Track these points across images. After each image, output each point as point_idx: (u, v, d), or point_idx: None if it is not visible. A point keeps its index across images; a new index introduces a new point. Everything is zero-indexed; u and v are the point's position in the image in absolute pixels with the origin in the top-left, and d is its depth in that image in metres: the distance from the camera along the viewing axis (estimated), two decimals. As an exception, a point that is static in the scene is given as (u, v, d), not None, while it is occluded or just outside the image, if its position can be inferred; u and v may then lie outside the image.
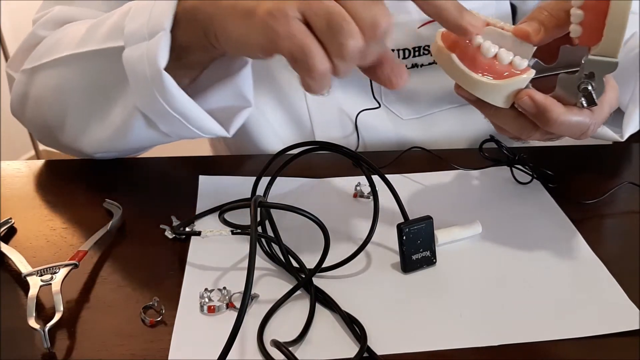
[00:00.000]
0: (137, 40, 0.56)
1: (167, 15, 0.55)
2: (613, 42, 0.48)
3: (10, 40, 2.05)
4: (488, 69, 0.50)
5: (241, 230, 0.57)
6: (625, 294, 0.53)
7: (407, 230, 0.55)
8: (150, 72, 0.56)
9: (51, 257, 0.57)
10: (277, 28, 0.46)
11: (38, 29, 0.71)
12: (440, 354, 0.48)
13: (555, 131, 0.53)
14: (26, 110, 0.71)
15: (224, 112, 0.63)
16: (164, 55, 0.55)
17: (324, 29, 0.46)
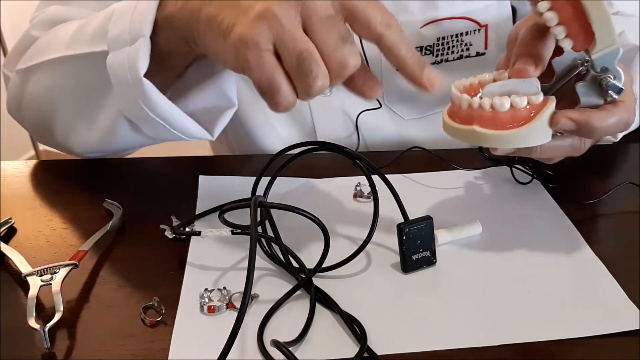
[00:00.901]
0: (119, 45, 0.57)
1: (146, 21, 0.55)
2: (606, 33, 0.48)
3: (10, 40, 2.05)
4: (513, 120, 0.50)
5: (241, 230, 0.57)
6: (625, 294, 0.53)
7: (407, 230, 0.55)
8: (131, 79, 0.56)
9: (51, 257, 0.57)
10: (248, 56, 0.47)
11: (32, 29, 0.71)
12: (440, 354, 0.48)
13: (603, 135, 0.54)
14: (22, 110, 0.71)
15: (208, 114, 0.63)
16: (144, 61, 0.56)
17: (293, 67, 0.47)
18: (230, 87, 0.63)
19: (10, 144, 2.10)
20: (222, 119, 0.63)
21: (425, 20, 0.74)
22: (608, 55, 0.50)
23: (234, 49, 0.48)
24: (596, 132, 0.52)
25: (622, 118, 0.53)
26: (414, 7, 0.73)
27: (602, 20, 0.48)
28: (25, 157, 2.23)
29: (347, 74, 0.48)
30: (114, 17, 0.58)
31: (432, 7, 0.73)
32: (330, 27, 0.47)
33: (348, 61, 0.47)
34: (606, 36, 0.49)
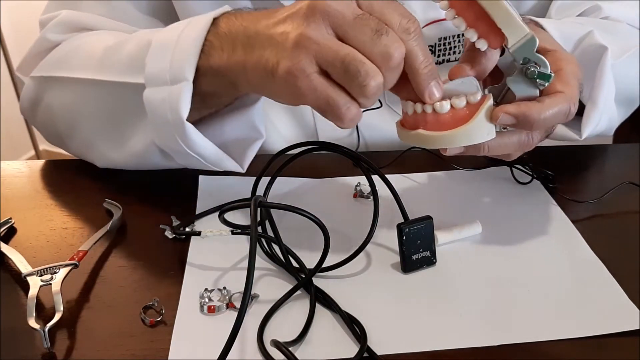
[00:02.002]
0: (159, 83, 0.58)
1: (189, 65, 0.56)
2: (512, 27, 0.49)
3: (10, 40, 2.05)
4: (454, 120, 0.51)
5: (241, 230, 0.57)
6: (625, 294, 0.53)
7: (407, 230, 0.55)
8: (172, 118, 0.57)
9: (51, 257, 0.57)
10: (299, 86, 0.49)
11: (48, 32, 0.71)
12: (440, 354, 0.48)
13: (544, 127, 0.54)
14: (37, 116, 0.72)
15: (238, 144, 0.65)
16: (186, 104, 0.57)
17: (341, 76, 0.48)
18: (259, 119, 0.65)
19: (10, 144, 2.10)
20: (251, 149, 0.65)
21: (427, 20, 0.74)
22: (524, 46, 0.50)
23: (284, 84, 0.49)
24: (536, 124, 0.52)
25: (562, 108, 0.52)
26: (416, 7, 0.73)
27: (504, 16, 0.49)
28: (25, 157, 2.23)
29: (396, 64, 0.48)
30: (152, 52, 0.59)
31: (433, 7, 0.73)
32: (361, 26, 0.47)
33: (390, 51, 0.47)
34: (514, 30, 0.50)
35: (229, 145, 0.65)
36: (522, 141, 0.54)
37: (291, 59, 0.48)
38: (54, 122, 0.71)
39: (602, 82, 0.66)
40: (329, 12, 0.48)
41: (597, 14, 0.76)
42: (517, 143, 0.54)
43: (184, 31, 0.58)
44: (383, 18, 0.48)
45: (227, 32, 0.55)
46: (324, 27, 0.48)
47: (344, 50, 0.47)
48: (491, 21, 0.49)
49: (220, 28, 0.56)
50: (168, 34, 0.59)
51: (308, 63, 0.48)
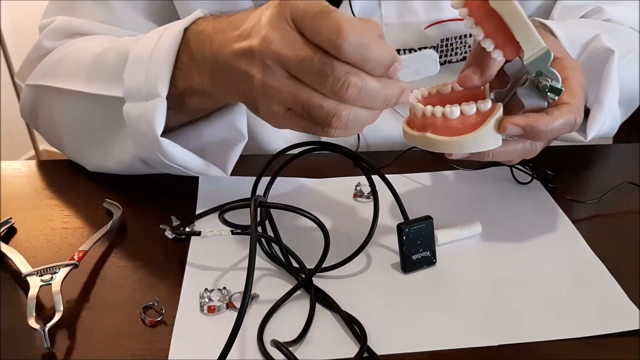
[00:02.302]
0: (136, 98, 0.59)
1: (162, 83, 0.57)
2: (529, 40, 0.50)
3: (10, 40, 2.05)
4: (463, 127, 0.52)
5: (241, 230, 0.57)
6: (625, 294, 0.53)
7: (407, 230, 0.55)
8: (148, 134, 0.58)
9: (51, 257, 0.57)
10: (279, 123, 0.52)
11: (43, 39, 0.73)
12: (440, 354, 0.48)
13: (550, 138, 0.55)
14: (38, 122, 0.74)
15: (219, 146, 0.65)
16: (161, 120, 0.58)
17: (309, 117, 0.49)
18: (242, 120, 0.65)
19: (10, 144, 2.10)
20: (234, 152, 0.66)
21: (430, 21, 0.74)
22: (539, 59, 0.51)
23: (266, 119, 0.53)
24: (543, 136, 0.53)
25: (568, 120, 0.53)
26: (419, 8, 0.73)
27: (522, 29, 0.49)
28: (25, 157, 2.23)
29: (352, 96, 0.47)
30: (129, 66, 0.60)
31: (436, 8, 0.73)
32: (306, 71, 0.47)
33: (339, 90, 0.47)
34: (531, 43, 0.50)
35: (211, 148, 0.65)
36: (526, 149, 0.55)
37: (263, 103, 0.51)
38: (51, 131, 0.72)
39: (608, 85, 0.66)
40: (279, 56, 0.48)
41: (599, 16, 0.76)
42: (521, 151, 0.55)
43: (157, 45, 0.59)
44: (315, 41, 0.47)
45: (198, 55, 0.56)
46: (279, 70, 0.48)
47: (302, 96, 0.48)
48: (509, 32, 0.49)
49: (192, 48, 0.57)
50: (143, 47, 0.60)
51: (278, 106, 0.50)
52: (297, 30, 0.47)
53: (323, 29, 0.46)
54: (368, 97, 0.48)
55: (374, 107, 0.49)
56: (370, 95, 0.48)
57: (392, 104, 0.50)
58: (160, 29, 0.60)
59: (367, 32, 0.47)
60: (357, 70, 0.47)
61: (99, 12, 0.73)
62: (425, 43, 0.76)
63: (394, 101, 0.50)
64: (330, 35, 0.45)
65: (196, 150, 0.63)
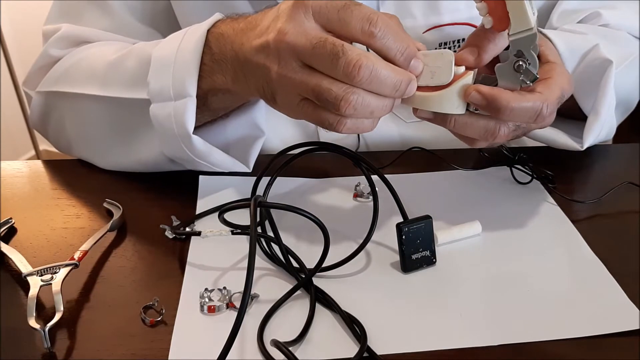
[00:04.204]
0: (163, 99, 0.60)
1: (190, 83, 0.59)
2: (519, 16, 0.51)
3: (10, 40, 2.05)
4: (434, 87, 0.53)
5: (241, 231, 0.57)
6: (625, 294, 0.53)
7: (406, 230, 0.55)
8: (178, 132, 0.60)
9: (51, 257, 0.57)
10: (293, 112, 0.54)
11: (50, 47, 0.74)
12: (440, 354, 0.48)
13: (510, 118, 0.54)
14: (49, 130, 0.75)
15: (241, 143, 0.67)
16: (192, 119, 0.60)
17: (319, 102, 0.51)
18: (261, 117, 0.67)
19: (10, 144, 2.10)
20: (254, 148, 0.68)
21: (428, 25, 0.74)
22: (524, 39, 0.52)
23: (283, 110, 0.55)
24: (503, 111, 0.52)
25: (534, 106, 0.53)
26: (417, 12, 0.73)
27: (516, 4, 0.50)
28: (25, 157, 2.23)
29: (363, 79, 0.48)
30: (153, 69, 0.61)
31: (435, 12, 0.73)
32: (319, 55, 0.49)
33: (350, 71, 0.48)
34: (520, 20, 0.51)
35: (233, 144, 0.67)
36: (488, 128, 0.54)
37: (279, 95, 0.53)
38: (66, 134, 0.73)
39: (605, 94, 0.67)
40: (293, 46, 0.50)
41: (597, 21, 0.76)
42: (483, 128, 0.55)
43: (180, 47, 0.60)
44: (342, 31, 0.50)
45: (220, 56, 0.58)
46: (293, 61, 0.50)
47: (312, 82, 0.50)
48: (504, 5, 0.51)
49: (213, 50, 0.59)
50: (166, 50, 0.61)
51: (293, 95, 0.52)
52: (317, 23, 0.50)
53: (353, 18, 0.49)
54: (378, 81, 0.49)
55: (383, 93, 0.50)
56: (380, 79, 0.49)
57: (401, 93, 0.51)
58: (180, 32, 0.62)
59: (394, 24, 0.50)
60: (368, 54, 0.49)
61: (102, 18, 0.74)
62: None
63: (403, 88, 0.51)
64: (362, 23, 0.49)
65: (221, 147, 0.65)
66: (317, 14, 0.50)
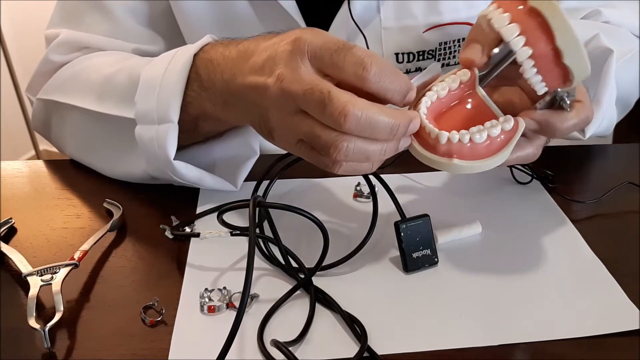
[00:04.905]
0: (148, 121, 0.60)
1: (173, 109, 0.59)
2: (582, 68, 0.50)
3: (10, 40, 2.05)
4: (489, 149, 0.51)
5: (240, 232, 0.57)
6: (625, 294, 0.53)
7: (404, 227, 0.55)
8: (160, 156, 0.60)
9: (51, 257, 0.57)
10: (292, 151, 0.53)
11: (51, 53, 0.74)
12: (440, 353, 0.48)
13: (565, 135, 0.55)
14: (51, 134, 0.76)
15: (231, 162, 0.66)
16: (173, 144, 0.60)
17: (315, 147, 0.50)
18: (255, 139, 0.66)
19: (10, 144, 2.10)
20: (244, 168, 0.66)
21: (428, 25, 0.74)
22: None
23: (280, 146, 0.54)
24: (558, 132, 0.53)
25: (582, 117, 0.54)
26: (418, 12, 0.73)
27: (579, 59, 0.49)
28: (25, 157, 2.23)
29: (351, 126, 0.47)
30: (140, 89, 0.61)
31: (435, 12, 0.73)
32: (309, 101, 0.48)
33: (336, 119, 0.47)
34: (582, 71, 0.50)
35: (222, 163, 0.66)
36: (529, 155, 0.55)
37: (276, 132, 0.53)
38: (65, 139, 0.73)
39: (606, 83, 0.67)
40: (288, 92, 0.49)
41: (597, 18, 0.77)
42: (525, 156, 0.55)
43: (167, 70, 0.60)
44: (336, 75, 0.49)
45: (209, 84, 0.58)
46: (289, 105, 0.49)
47: (305, 127, 0.49)
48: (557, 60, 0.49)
49: (202, 77, 0.58)
50: (154, 72, 0.61)
51: (290, 137, 0.51)
52: (313, 66, 0.49)
53: (347, 63, 0.48)
54: (370, 127, 0.47)
55: (378, 137, 0.49)
56: (372, 125, 0.47)
57: (401, 134, 0.49)
58: (171, 53, 0.62)
59: (387, 63, 0.49)
60: (357, 101, 0.47)
61: (103, 22, 0.74)
62: (424, 47, 0.76)
63: (402, 131, 0.49)
64: (355, 68, 0.47)
65: (207, 165, 0.65)
66: (313, 58, 0.49)
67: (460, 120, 0.53)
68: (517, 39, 0.49)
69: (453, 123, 0.52)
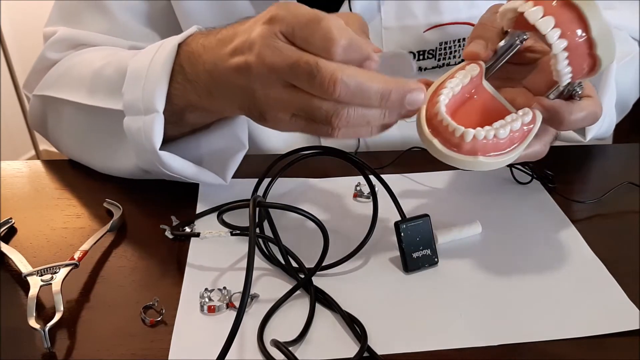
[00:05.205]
0: (135, 112, 0.60)
1: (159, 98, 0.59)
2: (610, 56, 0.49)
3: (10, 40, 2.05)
4: (510, 142, 0.51)
5: (240, 232, 0.57)
6: (625, 294, 0.53)
7: (404, 227, 0.55)
8: (148, 147, 0.60)
9: (51, 257, 0.57)
10: (285, 128, 0.52)
11: (47, 51, 0.74)
12: (440, 354, 0.48)
13: (573, 127, 0.54)
14: (48, 131, 0.76)
15: (219, 155, 0.66)
16: (159, 134, 0.59)
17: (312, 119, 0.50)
18: (243, 131, 0.66)
19: (10, 144, 2.10)
20: (233, 161, 0.66)
21: (429, 24, 0.74)
22: None
23: (273, 126, 0.53)
24: (565, 123, 0.53)
25: (590, 111, 0.54)
26: (418, 11, 0.73)
27: (609, 47, 0.49)
28: (25, 157, 2.23)
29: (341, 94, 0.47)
30: (127, 80, 0.61)
31: (436, 11, 0.73)
32: (296, 75, 0.48)
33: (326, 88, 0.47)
34: (609, 59, 0.50)
35: (211, 156, 0.66)
36: (538, 152, 0.56)
37: (268, 113, 0.52)
38: (61, 136, 0.73)
39: (606, 86, 0.67)
40: (272, 68, 0.49)
41: None
42: (533, 153, 0.55)
43: (152, 61, 0.60)
44: (306, 48, 0.48)
45: (193, 76, 0.57)
46: (276, 82, 0.49)
47: (301, 101, 0.49)
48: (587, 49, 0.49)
49: (185, 70, 0.58)
50: (140, 62, 0.61)
51: (283, 114, 0.51)
52: (288, 42, 0.49)
53: (315, 37, 0.47)
54: (361, 93, 0.47)
55: (370, 105, 0.49)
56: (363, 91, 0.47)
57: (394, 102, 0.49)
58: (157, 44, 0.61)
59: (356, 38, 0.48)
60: (344, 67, 0.47)
61: (101, 20, 0.74)
62: (424, 46, 0.76)
63: (395, 98, 0.49)
64: (322, 43, 0.47)
65: (195, 158, 0.64)
66: (287, 33, 0.48)
67: (475, 116, 0.52)
68: (553, 31, 0.49)
69: (469, 119, 0.52)
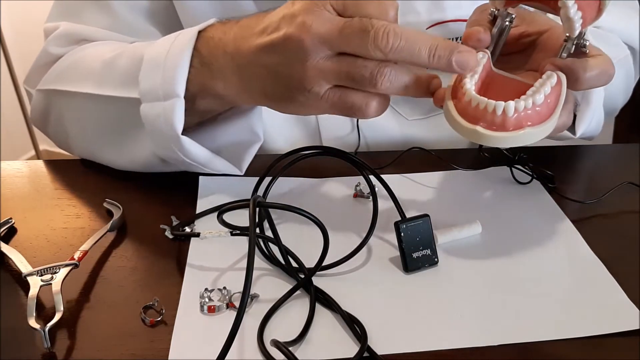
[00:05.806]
0: (153, 99, 0.60)
1: (179, 83, 0.59)
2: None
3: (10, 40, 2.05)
4: (548, 109, 0.51)
5: (240, 232, 0.57)
6: (625, 294, 0.53)
7: (404, 227, 0.55)
8: (167, 132, 0.60)
9: (51, 257, 0.57)
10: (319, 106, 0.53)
11: (50, 45, 0.74)
12: (440, 353, 0.48)
13: (588, 86, 0.55)
14: (49, 127, 0.75)
15: (235, 147, 0.67)
16: (180, 119, 0.60)
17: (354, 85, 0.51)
18: (258, 123, 0.67)
19: (10, 144, 2.10)
20: (249, 153, 0.67)
21: (432, 21, 0.74)
22: None
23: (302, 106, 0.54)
24: (580, 81, 0.53)
25: (604, 68, 0.54)
26: (421, 8, 0.73)
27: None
28: (25, 157, 2.23)
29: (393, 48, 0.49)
30: (144, 68, 0.61)
31: (439, 8, 0.73)
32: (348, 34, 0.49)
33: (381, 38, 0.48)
34: None
35: (227, 148, 0.66)
36: (565, 123, 0.57)
37: (298, 88, 0.52)
38: (64, 131, 0.73)
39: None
40: (320, 35, 0.50)
41: None
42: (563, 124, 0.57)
43: (171, 47, 0.60)
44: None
45: (210, 59, 0.58)
46: (322, 51, 0.50)
47: (346, 66, 0.50)
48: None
49: (202, 53, 0.59)
50: (158, 50, 0.61)
51: (319, 87, 0.51)
52: (335, 14, 0.50)
53: (368, 8, 0.50)
54: (411, 47, 0.49)
55: (419, 59, 0.50)
56: (414, 42, 0.49)
57: (440, 59, 0.50)
58: (174, 34, 0.62)
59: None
60: (392, 23, 0.49)
61: (102, 17, 0.74)
62: None
63: (441, 54, 0.50)
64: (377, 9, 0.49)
65: (214, 149, 0.65)
66: (335, 7, 0.50)
67: (502, 97, 0.51)
68: None
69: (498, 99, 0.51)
